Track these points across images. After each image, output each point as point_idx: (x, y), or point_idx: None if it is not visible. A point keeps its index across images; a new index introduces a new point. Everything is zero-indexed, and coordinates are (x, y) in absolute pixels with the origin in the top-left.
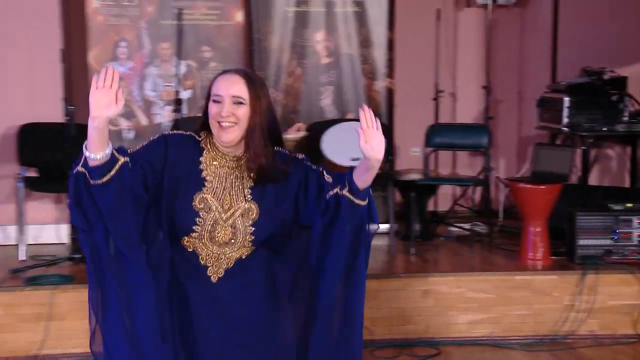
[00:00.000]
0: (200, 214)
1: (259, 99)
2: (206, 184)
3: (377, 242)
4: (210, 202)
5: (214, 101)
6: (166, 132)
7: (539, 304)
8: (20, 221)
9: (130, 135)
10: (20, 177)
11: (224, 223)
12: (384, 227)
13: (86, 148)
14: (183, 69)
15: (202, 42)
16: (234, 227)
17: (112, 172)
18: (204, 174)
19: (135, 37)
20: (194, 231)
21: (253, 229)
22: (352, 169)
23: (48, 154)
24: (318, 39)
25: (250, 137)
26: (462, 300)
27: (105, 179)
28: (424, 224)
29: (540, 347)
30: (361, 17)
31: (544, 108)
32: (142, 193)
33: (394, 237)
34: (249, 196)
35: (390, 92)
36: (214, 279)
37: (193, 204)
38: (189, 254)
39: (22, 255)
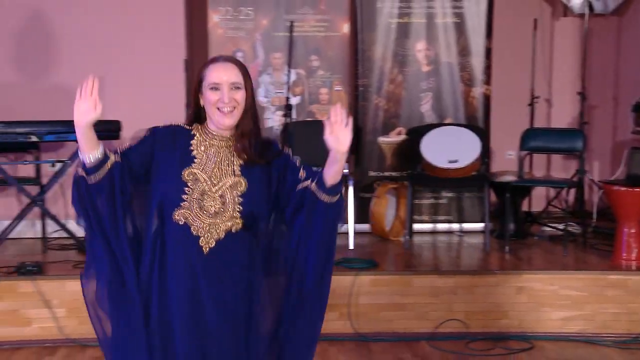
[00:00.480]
0: (189, 184)
1: (250, 83)
2: (196, 160)
3: (472, 240)
4: (198, 175)
5: (212, 89)
6: (156, 126)
7: (633, 303)
8: None
9: None
10: None
11: (213, 194)
12: (479, 225)
13: (80, 151)
14: (293, 77)
15: (311, 52)
16: (223, 197)
17: (106, 170)
18: (193, 153)
19: (251, 48)
20: (182, 200)
21: (241, 199)
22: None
23: None
24: (419, 48)
25: (243, 118)
26: (555, 297)
27: (99, 177)
28: (518, 223)
29: (636, 345)
30: (460, 28)
31: (639, 113)
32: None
33: (489, 235)
34: (238, 172)
35: (487, 98)
36: (205, 249)
37: (181, 177)
38: (180, 227)
39: None
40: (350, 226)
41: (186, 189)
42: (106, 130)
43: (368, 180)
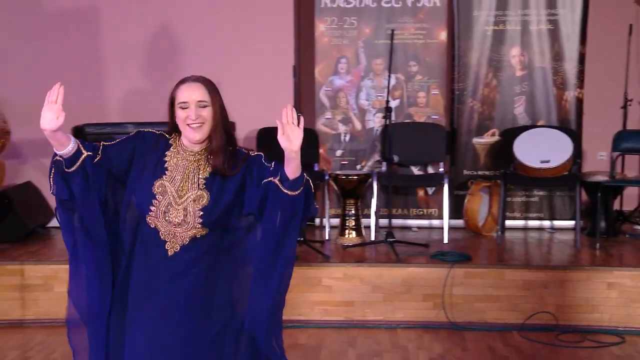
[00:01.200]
0: (157, 197)
1: (217, 100)
2: (167, 173)
3: (563, 237)
4: (167, 187)
5: (181, 108)
6: (142, 130)
7: None
8: None
9: (347, 138)
10: None
11: (177, 206)
12: (569, 223)
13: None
14: (393, 81)
15: (410, 58)
16: (185, 210)
17: (77, 164)
18: (166, 164)
19: (354, 55)
20: (150, 211)
21: (202, 212)
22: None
23: (279, 153)
24: (513, 54)
25: (213, 133)
26: None
27: (72, 168)
28: (609, 221)
29: None
30: (554, 34)
31: None
32: (107, 180)
33: (580, 232)
34: (203, 185)
35: (579, 102)
36: (170, 252)
37: (152, 188)
38: (151, 229)
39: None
40: (445, 221)
41: (154, 200)
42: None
43: (462, 179)
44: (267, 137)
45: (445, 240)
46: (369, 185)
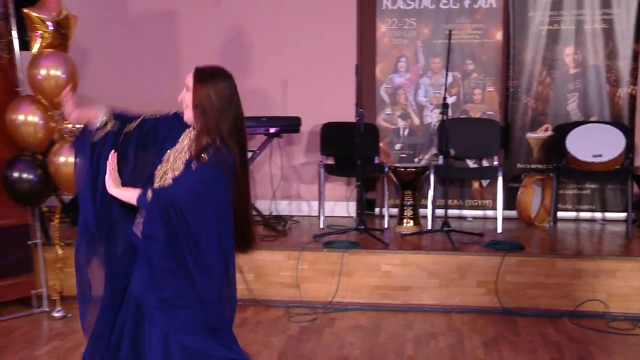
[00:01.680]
0: (162, 162)
1: (201, 89)
2: (175, 145)
3: (614, 228)
4: (169, 157)
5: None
6: (179, 112)
7: None
8: (321, 198)
9: (405, 132)
10: (322, 164)
11: (168, 174)
12: (621, 215)
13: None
14: (450, 79)
15: (467, 56)
16: (168, 179)
17: (102, 134)
18: (179, 138)
19: (413, 54)
20: (154, 175)
21: (173, 182)
22: None
23: (342, 146)
24: (567, 52)
25: (194, 118)
26: None
27: (96, 137)
28: None
29: None
30: (608, 33)
31: None
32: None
33: (632, 224)
34: (186, 159)
35: (632, 98)
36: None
37: (163, 156)
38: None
39: (322, 225)
40: (499, 212)
41: (159, 165)
42: (288, 125)
43: (516, 172)
44: (330, 131)
45: (499, 230)
46: (426, 177)
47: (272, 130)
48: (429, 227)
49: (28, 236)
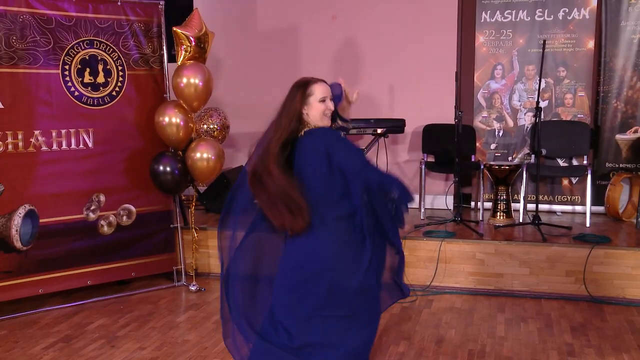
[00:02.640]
0: None
1: None
2: None
3: None
4: None
5: (322, 101)
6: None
7: None
8: (421, 192)
9: (500, 133)
10: (423, 161)
11: None
12: None
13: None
14: (543, 84)
15: (559, 64)
16: None
17: None
18: None
19: (508, 62)
20: None
21: None
22: None
23: (441, 145)
24: None
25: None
26: None
27: None
28: None
29: None
30: None
31: None
32: None
33: None
34: None
35: None
36: None
37: None
38: None
39: (422, 216)
40: (588, 207)
41: None
42: (394, 126)
43: (604, 170)
44: (431, 131)
45: (587, 224)
46: (519, 175)
47: (379, 130)
48: (521, 220)
49: (170, 220)
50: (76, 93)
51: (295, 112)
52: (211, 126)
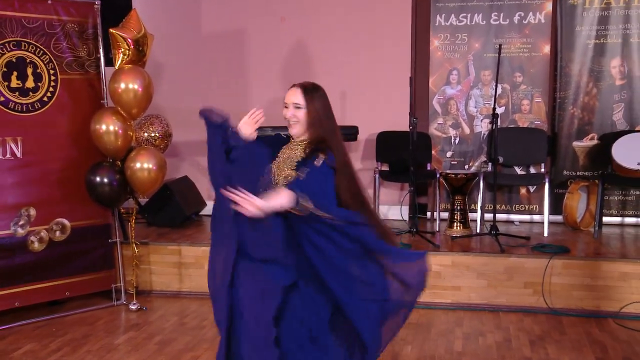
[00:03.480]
0: (272, 173)
1: (313, 104)
2: (276, 159)
3: None
4: (273, 169)
5: (285, 107)
6: (280, 134)
7: None
8: (376, 202)
9: (456, 141)
10: (377, 170)
11: (276, 184)
12: None
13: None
14: (499, 90)
15: (515, 69)
16: (278, 186)
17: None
18: (279, 153)
19: (464, 67)
20: (267, 187)
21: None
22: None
23: (396, 153)
24: (614, 64)
25: (310, 129)
26: None
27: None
28: None
29: None
30: None
31: None
32: None
33: None
34: (294, 166)
35: None
36: None
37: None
38: None
39: None
40: (545, 217)
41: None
42: (346, 133)
43: (562, 179)
44: (386, 139)
45: (546, 234)
46: (475, 183)
47: None
48: (478, 230)
49: (109, 235)
50: (2, 98)
51: None
52: (152, 134)
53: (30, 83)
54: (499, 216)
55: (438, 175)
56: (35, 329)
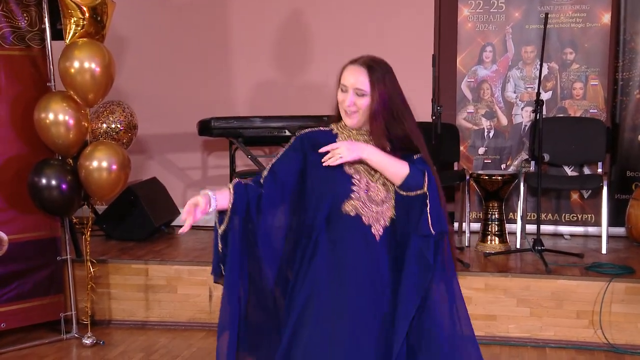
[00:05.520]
0: (354, 176)
1: (380, 89)
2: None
3: None
4: (357, 166)
5: (341, 90)
6: (302, 133)
7: None
8: None
9: (491, 134)
10: None
11: (375, 183)
12: None
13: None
14: (545, 71)
15: (566, 44)
16: (385, 185)
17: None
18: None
19: (501, 42)
20: (353, 191)
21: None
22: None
23: None
24: None
25: (372, 122)
26: None
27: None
28: None
29: None
30: None
31: None
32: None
33: None
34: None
35: None
36: (377, 237)
37: (344, 169)
38: (352, 218)
39: None
40: (604, 229)
41: (353, 180)
42: None
43: (625, 182)
44: None
45: (604, 251)
46: (514, 187)
47: None
48: (518, 245)
49: (57, 251)
50: None
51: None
52: (112, 125)
53: None
54: (544, 228)
55: (468, 177)
56: None
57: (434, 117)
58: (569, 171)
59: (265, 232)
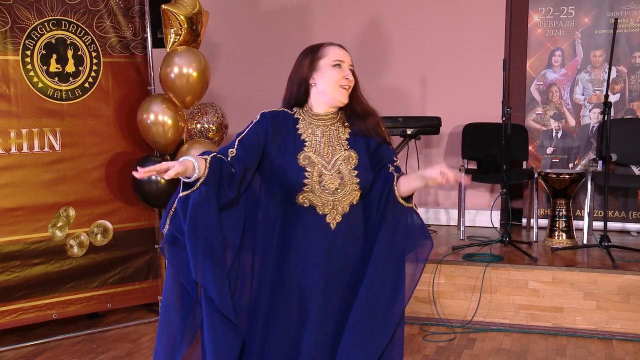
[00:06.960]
0: (307, 168)
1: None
2: (306, 144)
3: None
4: (312, 157)
5: (336, 66)
6: (265, 111)
7: None
8: (461, 206)
9: (559, 134)
10: (463, 169)
11: (330, 172)
12: None
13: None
14: (613, 74)
15: (635, 48)
16: (340, 173)
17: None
18: (302, 137)
19: (570, 46)
20: (305, 184)
21: (356, 172)
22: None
23: (486, 149)
24: None
25: (355, 97)
26: None
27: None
28: None
29: None
30: None
31: None
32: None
33: None
34: (347, 145)
35: None
36: (332, 225)
37: (298, 161)
38: (306, 209)
39: (462, 235)
40: None
41: (306, 173)
42: (427, 125)
43: None
44: (473, 132)
45: None
46: (582, 185)
47: (409, 131)
48: (585, 241)
49: (155, 240)
50: (40, 84)
51: (301, 79)
52: (206, 125)
53: (70, 67)
54: (612, 225)
55: (536, 176)
56: (74, 345)
57: (504, 119)
58: (637, 170)
59: (229, 208)
